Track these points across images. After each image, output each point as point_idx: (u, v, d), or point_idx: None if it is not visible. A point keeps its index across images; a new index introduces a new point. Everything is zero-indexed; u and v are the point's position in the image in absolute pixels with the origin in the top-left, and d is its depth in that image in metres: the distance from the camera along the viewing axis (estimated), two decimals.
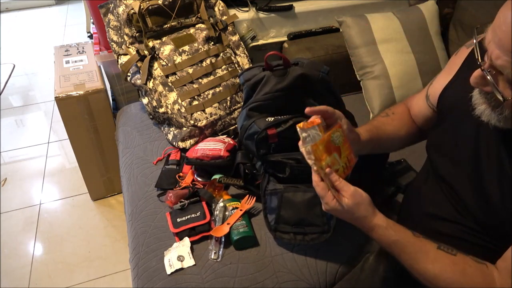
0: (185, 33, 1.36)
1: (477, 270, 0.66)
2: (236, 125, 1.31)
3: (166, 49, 1.30)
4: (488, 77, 0.58)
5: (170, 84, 1.27)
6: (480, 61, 0.60)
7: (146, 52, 1.29)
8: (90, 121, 1.61)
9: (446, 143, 0.80)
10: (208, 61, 1.33)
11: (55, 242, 1.72)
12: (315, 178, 0.72)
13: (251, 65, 1.42)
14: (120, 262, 1.61)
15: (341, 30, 1.59)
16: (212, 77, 1.32)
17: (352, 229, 1.03)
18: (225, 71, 1.34)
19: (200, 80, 1.30)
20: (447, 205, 0.77)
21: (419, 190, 0.87)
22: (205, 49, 1.34)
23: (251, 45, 1.68)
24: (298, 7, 1.73)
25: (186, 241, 0.98)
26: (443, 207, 0.78)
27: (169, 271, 0.93)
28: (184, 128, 1.26)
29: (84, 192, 1.90)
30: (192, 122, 1.26)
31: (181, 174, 1.19)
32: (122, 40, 1.32)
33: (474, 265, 0.67)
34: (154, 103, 1.31)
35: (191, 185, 1.14)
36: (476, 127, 0.72)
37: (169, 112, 1.28)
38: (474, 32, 0.64)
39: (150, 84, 1.29)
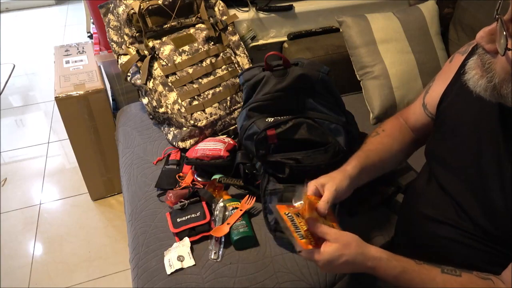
0: (185, 33, 1.36)
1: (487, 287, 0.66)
2: (236, 125, 1.31)
3: (166, 49, 1.30)
4: (503, 30, 0.54)
5: (170, 84, 1.27)
6: (498, 13, 0.57)
7: (146, 52, 1.29)
8: (90, 121, 1.61)
9: (444, 151, 0.79)
10: (208, 61, 1.33)
11: (55, 242, 1.72)
12: (296, 247, 0.70)
13: (251, 65, 1.42)
14: (120, 262, 1.61)
15: (341, 30, 1.59)
16: (212, 77, 1.32)
17: (352, 229, 1.03)
18: (225, 71, 1.34)
19: (200, 80, 1.30)
20: (445, 208, 0.77)
21: (419, 191, 0.87)
22: (205, 49, 1.34)
23: (251, 45, 1.68)
24: (298, 7, 1.73)
25: (186, 241, 0.98)
26: (441, 210, 0.77)
27: (169, 271, 0.93)
28: (184, 128, 1.26)
29: (84, 192, 1.90)
30: (192, 122, 1.26)
31: (181, 174, 1.19)
32: (122, 40, 1.32)
33: (482, 283, 0.66)
34: (154, 103, 1.31)
35: (191, 185, 1.14)
36: (477, 134, 0.71)
37: (169, 112, 1.28)
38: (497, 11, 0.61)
39: (150, 84, 1.29)
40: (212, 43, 1.38)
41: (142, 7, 1.26)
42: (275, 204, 0.74)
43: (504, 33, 0.54)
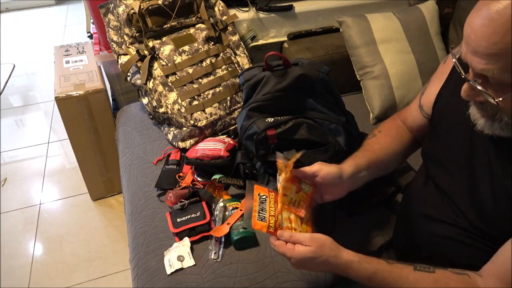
0: (185, 33, 1.36)
1: (461, 283, 0.66)
2: (236, 125, 1.31)
3: (166, 49, 1.30)
4: (477, 86, 0.58)
5: (170, 84, 1.27)
6: (463, 74, 0.61)
7: (146, 52, 1.29)
8: (90, 121, 1.61)
9: (440, 151, 0.80)
10: (208, 61, 1.33)
11: (55, 242, 1.72)
12: (271, 240, 0.72)
13: (251, 65, 1.42)
14: (120, 262, 1.61)
15: (341, 30, 1.59)
16: (212, 77, 1.32)
17: (352, 229, 1.03)
18: (225, 71, 1.34)
19: (200, 80, 1.30)
20: (444, 208, 0.77)
21: (417, 191, 0.87)
22: (205, 49, 1.34)
23: (251, 45, 1.68)
24: (298, 7, 1.73)
25: (186, 241, 0.98)
26: (440, 209, 0.78)
27: (169, 271, 0.93)
28: (184, 128, 1.26)
29: (84, 192, 1.90)
30: (192, 122, 1.26)
31: (181, 174, 1.19)
32: (122, 40, 1.32)
33: (456, 278, 0.67)
34: (154, 103, 1.31)
35: (191, 185, 1.14)
36: (470, 135, 0.72)
37: (169, 112, 1.28)
38: (452, 52, 0.66)
39: (150, 84, 1.29)
40: (212, 43, 1.38)
41: (142, 7, 1.26)
42: (254, 183, 0.76)
43: (479, 88, 0.58)
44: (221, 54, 1.37)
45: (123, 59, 1.32)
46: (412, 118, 0.93)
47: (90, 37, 2.13)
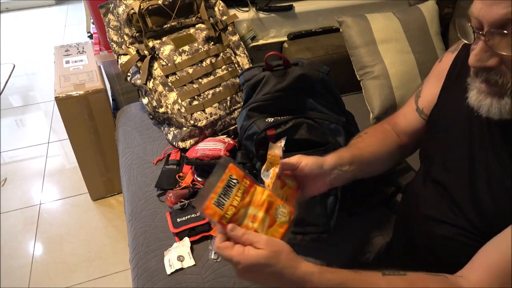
0: (185, 33, 1.36)
1: (439, 282, 0.62)
2: (236, 125, 1.31)
3: (166, 49, 1.30)
4: (491, 43, 0.55)
5: (170, 84, 1.27)
6: (475, 36, 0.58)
7: (146, 52, 1.29)
8: (90, 121, 1.61)
9: (439, 150, 0.79)
10: (208, 61, 1.33)
11: (55, 242, 1.72)
12: (216, 241, 0.59)
13: (251, 65, 1.42)
14: (120, 262, 1.61)
15: (341, 30, 1.59)
16: (212, 77, 1.32)
17: (352, 229, 1.03)
18: (225, 71, 1.34)
19: (200, 80, 1.30)
20: (443, 207, 0.77)
21: (416, 191, 0.87)
22: (205, 49, 1.34)
23: (251, 45, 1.68)
24: (298, 7, 1.73)
25: (186, 241, 0.99)
26: (439, 209, 0.78)
27: (169, 271, 0.93)
28: (184, 128, 1.26)
29: (84, 192, 1.90)
30: (192, 122, 1.26)
31: (181, 174, 1.19)
32: (122, 40, 1.32)
33: (433, 278, 0.62)
34: (154, 103, 1.31)
35: (191, 185, 1.14)
36: (469, 132, 0.71)
37: (169, 112, 1.28)
38: (458, 23, 0.62)
39: (150, 84, 1.29)
40: (212, 43, 1.38)
41: (142, 7, 1.26)
42: (231, 161, 0.63)
43: (506, 32, 0.54)
44: (221, 54, 1.37)
45: (123, 59, 1.32)
46: (407, 122, 0.90)
47: (90, 37, 2.13)
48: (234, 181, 0.62)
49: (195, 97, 1.28)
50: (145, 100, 1.36)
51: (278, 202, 0.64)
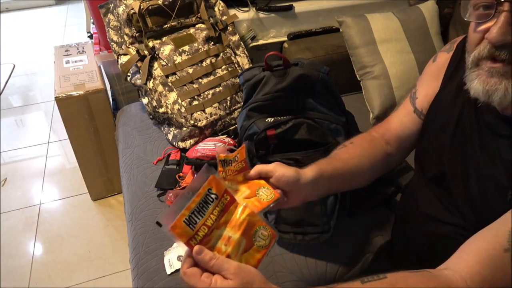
0: (185, 33, 1.36)
1: (421, 277, 0.60)
2: (236, 125, 1.31)
3: (166, 49, 1.30)
4: None
5: (170, 84, 1.27)
6: (494, 10, 0.56)
7: (146, 52, 1.29)
8: (90, 121, 1.61)
9: (435, 149, 0.79)
10: (208, 61, 1.33)
11: (55, 242, 1.72)
12: (183, 266, 0.54)
13: (251, 65, 1.42)
14: (120, 262, 1.61)
15: (341, 30, 1.59)
16: (212, 77, 1.32)
17: (352, 229, 1.03)
18: (225, 71, 1.34)
19: (200, 80, 1.30)
20: (440, 206, 0.77)
21: (414, 191, 0.87)
22: (205, 49, 1.34)
23: (251, 45, 1.68)
24: (298, 7, 1.73)
25: None
26: (438, 209, 0.78)
27: (169, 271, 0.93)
28: (184, 128, 1.26)
29: (84, 192, 1.90)
30: (192, 122, 1.26)
31: (181, 174, 1.19)
32: (122, 40, 1.32)
33: (415, 275, 0.60)
34: (154, 103, 1.31)
35: None
36: (462, 131, 0.72)
37: (169, 112, 1.28)
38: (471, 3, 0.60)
39: (150, 84, 1.29)
40: (212, 43, 1.38)
41: (142, 7, 1.26)
42: (211, 173, 0.56)
43: None
44: (221, 54, 1.37)
45: (123, 59, 1.32)
46: (403, 126, 0.88)
47: (90, 37, 2.14)
48: (213, 196, 0.55)
49: (195, 97, 1.28)
50: (145, 100, 1.36)
51: (260, 224, 0.57)
